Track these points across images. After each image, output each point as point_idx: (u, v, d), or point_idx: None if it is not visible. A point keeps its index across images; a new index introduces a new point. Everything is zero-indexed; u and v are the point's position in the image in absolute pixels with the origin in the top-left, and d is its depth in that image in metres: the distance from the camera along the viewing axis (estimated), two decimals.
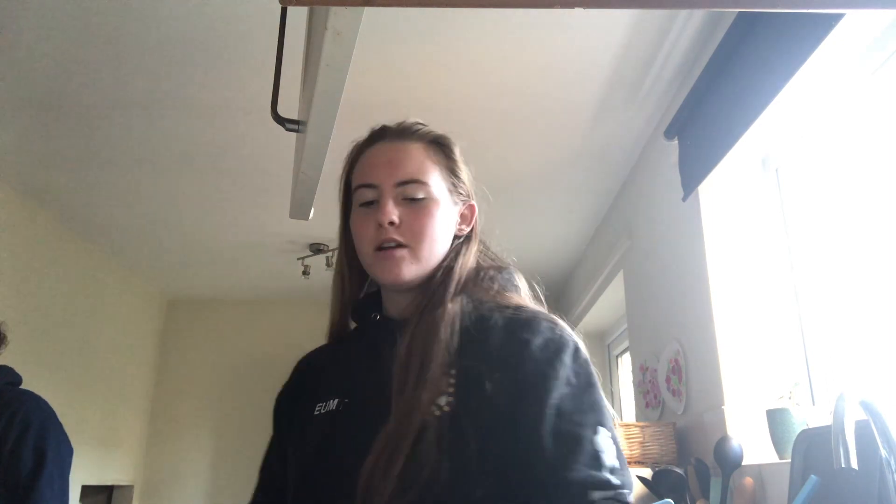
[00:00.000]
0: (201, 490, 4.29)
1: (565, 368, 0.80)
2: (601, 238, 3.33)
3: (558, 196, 2.99)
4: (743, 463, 1.60)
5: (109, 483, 3.94)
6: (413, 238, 0.87)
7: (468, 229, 0.95)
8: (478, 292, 0.88)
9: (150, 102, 2.23)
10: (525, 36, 1.90)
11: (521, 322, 0.84)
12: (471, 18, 1.83)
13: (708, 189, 1.96)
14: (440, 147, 0.94)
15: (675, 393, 2.15)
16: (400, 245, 0.87)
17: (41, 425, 1.55)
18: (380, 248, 0.87)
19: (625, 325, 3.09)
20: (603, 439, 0.77)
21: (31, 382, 3.12)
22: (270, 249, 3.67)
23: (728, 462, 1.59)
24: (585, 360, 0.82)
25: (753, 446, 1.66)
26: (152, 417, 4.40)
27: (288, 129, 1.03)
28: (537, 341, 0.81)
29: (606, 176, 2.79)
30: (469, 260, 0.91)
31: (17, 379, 1.66)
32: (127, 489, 4.14)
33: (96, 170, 2.72)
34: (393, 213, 0.87)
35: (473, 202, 0.96)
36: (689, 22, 1.85)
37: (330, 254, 3.56)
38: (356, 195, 0.91)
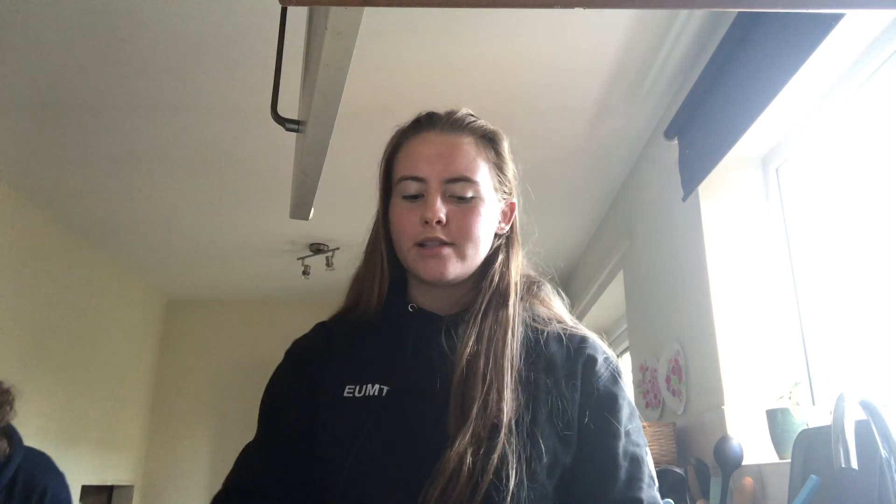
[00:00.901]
0: (201, 490, 4.29)
1: (624, 389, 0.84)
2: (601, 238, 3.33)
3: (558, 196, 2.99)
4: (743, 463, 1.60)
5: (109, 483, 3.94)
6: (459, 237, 0.84)
7: (507, 227, 0.92)
8: (534, 302, 0.89)
9: (151, 103, 2.23)
10: (525, 36, 1.90)
11: (580, 337, 0.86)
12: (470, 19, 1.83)
13: (708, 189, 1.96)
14: (490, 143, 0.91)
15: (675, 393, 2.15)
16: (444, 243, 0.84)
17: (67, 501, 1.74)
18: (422, 244, 0.84)
19: (625, 325, 3.09)
20: (650, 459, 0.83)
21: (31, 383, 3.12)
22: (270, 249, 3.67)
23: (728, 462, 1.59)
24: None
25: (753, 446, 1.66)
26: (152, 417, 4.40)
27: (288, 129, 1.04)
28: (600, 359, 0.85)
29: (606, 176, 2.79)
30: (519, 262, 0.91)
31: (20, 436, 1.76)
32: (127, 489, 4.14)
33: (96, 170, 2.72)
34: (441, 211, 0.83)
35: (514, 200, 0.93)
36: (689, 22, 1.85)
37: (330, 254, 3.56)
38: (399, 186, 0.87)
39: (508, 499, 0.71)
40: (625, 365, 3.59)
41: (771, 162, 1.93)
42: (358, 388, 0.82)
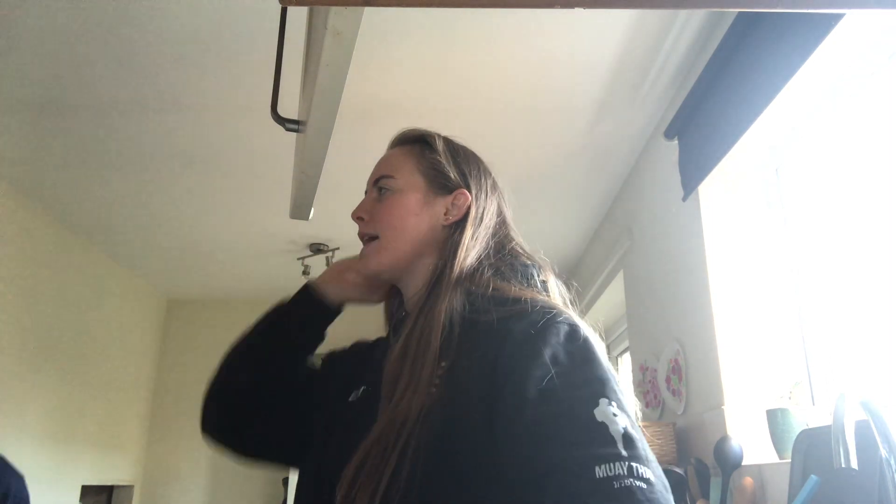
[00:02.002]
0: (201, 490, 4.29)
1: (551, 348, 0.69)
2: (601, 238, 3.33)
3: (558, 196, 2.99)
4: (743, 463, 1.60)
5: (109, 483, 3.94)
6: (376, 227, 0.91)
7: (454, 218, 0.91)
8: (476, 287, 0.83)
9: (150, 102, 2.23)
10: (525, 36, 1.90)
11: (513, 312, 0.76)
12: (470, 19, 1.83)
13: (708, 189, 1.96)
14: (419, 144, 0.96)
15: (675, 393, 2.15)
16: (372, 238, 0.92)
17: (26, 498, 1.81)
18: None
19: (625, 325, 3.09)
20: (606, 409, 0.63)
21: (31, 383, 3.13)
22: (270, 249, 3.67)
23: (728, 462, 1.59)
24: (585, 340, 0.72)
25: (753, 446, 1.66)
26: (152, 417, 4.40)
27: (288, 129, 1.04)
28: (521, 325, 0.73)
29: (606, 176, 2.79)
30: (463, 250, 0.87)
31: None
32: (127, 489, 4.14)
33: (96, 170, 2.72)
34: (360, 208, 0.94)
35: (466, 190, 0.93)
36: (689, 22, 1.85)
37: (330, 254, 3.56)
38: None
39: (402, 494, 0.67)
40: (625, 365, 3.60)
41: (771, 162, 1.93)
42: (357, 392, 0.88)
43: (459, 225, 0.91)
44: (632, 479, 0.58)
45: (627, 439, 0.61)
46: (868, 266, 1.49)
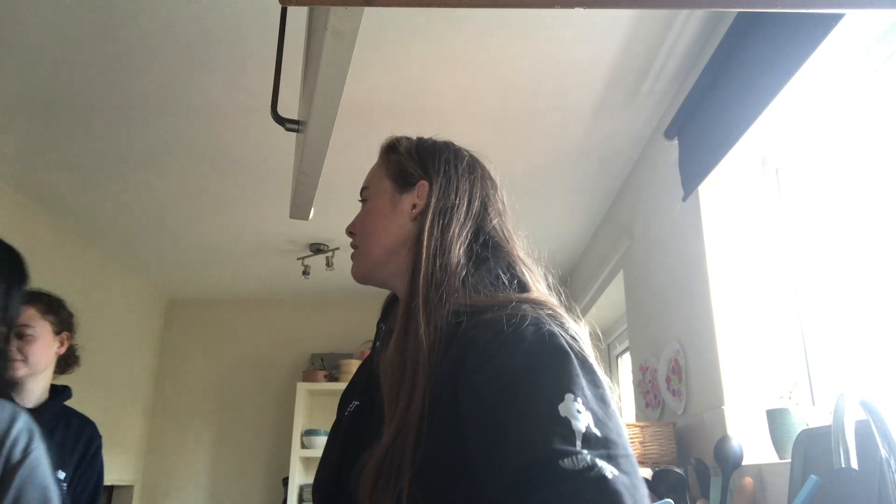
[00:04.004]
0: (201, 490, 4.29)
1: (511, 343, 0.69)
2: (601, 238, 3.33)
3: (558, 196, 2.99)
4: (743, 463, 1.60)
5: (109, 483, 3.94)
6: (358, 237, 0.96)
7: (418, 210, 0.90)
8: (459, 298, 0.79)
9: (150, 102, 2.23)
10: (525, 36, 1.90)
11: (479, 322, 0.74)
12: (470, 18, 1.83)
13: (708, 189, 1.96)
14: (387, 152, 0.99)
15: (675, 393, 2.15)
16: (357, 248, 0.96)
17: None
18: None
19: (625, 325, 3.09)
20: (570, 405, 0.62)
21: None
22: (270, 249, 3.67)
23: (728, 462, 1.59)
24: (551, 335, 0.70)
25: (753, 446, 1.66)
26: (152, 417, 4.40)
27: (288, 129, 1.04)
28: (485, 338, 0.72)
29: (606, 176, 2.79)
30: (429, 239, 0.84)
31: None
32: (127, 489, 4.14)
33: (96, 170, 2.72)
34: (350, 225, 0.98)
35: (427, 180, 0.91)
36: (689, 22, 1.85)
37: (330, 254, 3.56)
38: None
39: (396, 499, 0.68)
40: (625, 365, 3.60)
41: (771, 162, 1.93)
42: (350, 405, 0.90)
43: (424, 215, 0.89)
44: (594, 472, 0.57)
45: (591, 440, 0.60)
46: (868, 266, 1.49)
